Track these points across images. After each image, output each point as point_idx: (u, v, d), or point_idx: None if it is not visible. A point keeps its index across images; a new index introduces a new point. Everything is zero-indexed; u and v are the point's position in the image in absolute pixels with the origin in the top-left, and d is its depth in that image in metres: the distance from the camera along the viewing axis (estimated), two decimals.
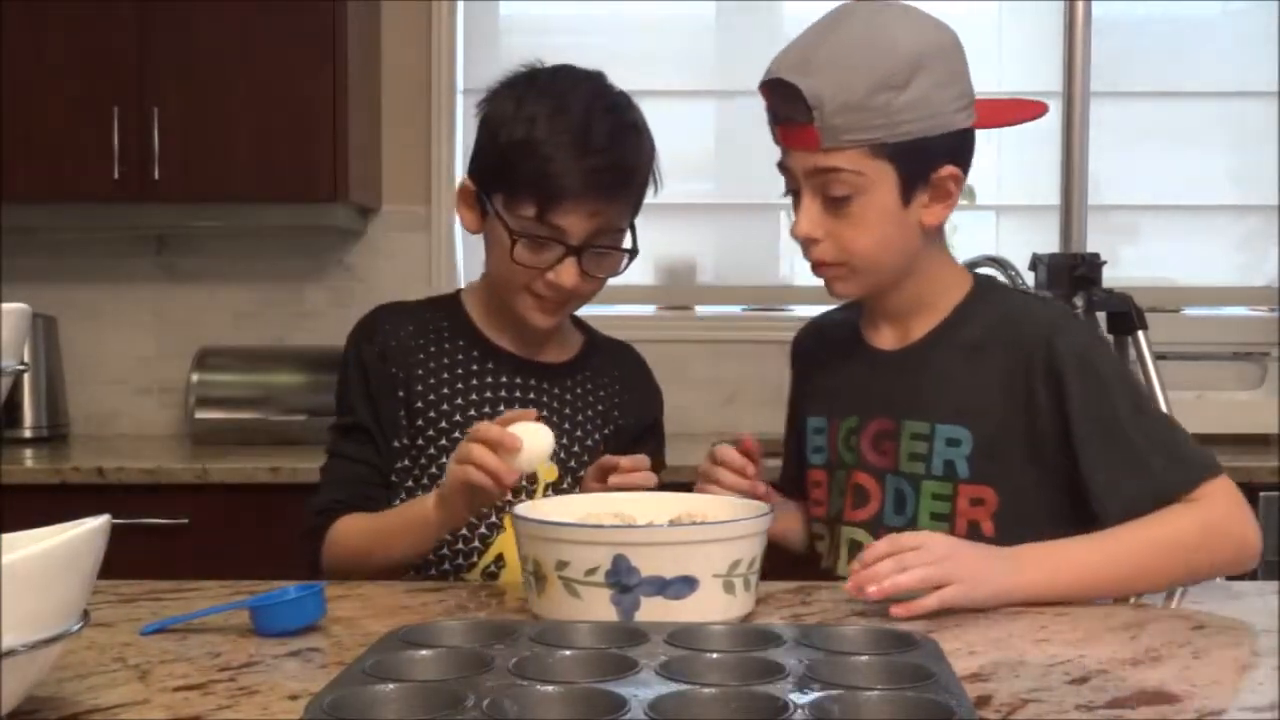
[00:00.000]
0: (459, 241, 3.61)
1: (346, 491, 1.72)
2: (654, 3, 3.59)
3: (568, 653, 1.12)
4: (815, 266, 1.56)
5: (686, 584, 1.28)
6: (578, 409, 1.77)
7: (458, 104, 3.58)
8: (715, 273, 3.70)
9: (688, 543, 1.31)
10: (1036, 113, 1.87)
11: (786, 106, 1.49)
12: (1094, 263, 2.63)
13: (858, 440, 1.59)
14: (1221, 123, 3.62)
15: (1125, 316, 2.61)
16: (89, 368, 3.58)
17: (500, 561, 1.68)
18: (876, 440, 1.58)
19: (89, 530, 1.01)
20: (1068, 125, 2.66)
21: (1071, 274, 2.61)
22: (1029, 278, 2.71)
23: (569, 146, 1.61)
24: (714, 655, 1.11)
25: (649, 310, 3.65)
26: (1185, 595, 1.51)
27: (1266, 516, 2.96)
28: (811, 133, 1.47)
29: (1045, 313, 1.57)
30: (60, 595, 1.00)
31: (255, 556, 2.79)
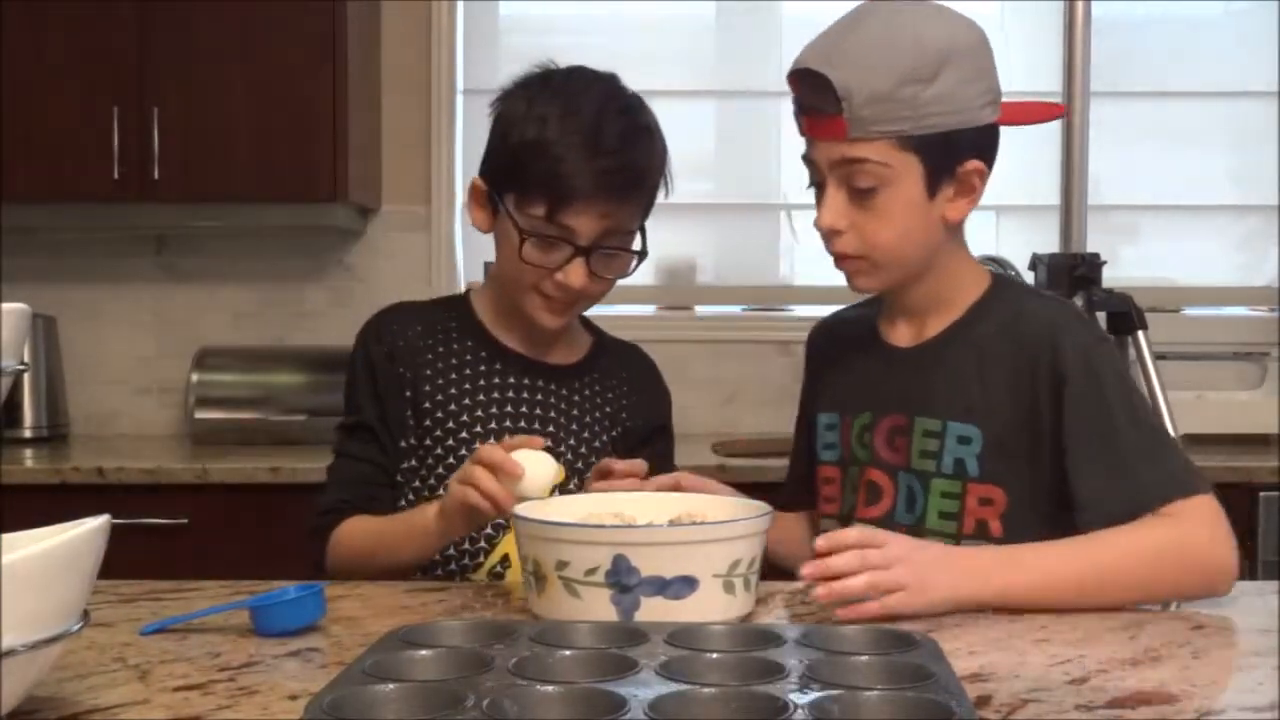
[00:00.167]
0: (459, 241, 3.61)
1: (351, 491, 1.73)
2: (654, 3, 3.59)
3: (568, 653, 1.11)
4: (837, 260, 1.55)
5: (686, 584, 1.28)
6: (585, 410, 1.77)
7: (458, 104, 3.58)
8: (715, 273, 3.70)
9: (688, 543, 1.31)
10: (1055, 114, 1.87)
11: (814, 97, 1.49)
12: (1094, 263, 2.63)
13: (871, 437, 1.59)
14: (1221, 123, 3.61)
15: (1125, 316, 2.61)
16: (89, 368, 3.58)
17: (506, 562, 1.68)
18: (890, 436, 1.58)
19: (89, 530, 1.01)
20: (1068, 125, 2.66)
21: (1071, 274, 2.61)
22: (1029, 278, 2.71)
23: (580, 147, 1.61)
24: (714, 655, 1.11)
25: (649, 310, 3.65)
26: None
27: (1267, 517, 2.96)
28: (839, 123, 1.47)
29: (1052, 313, 1.56)
30: (60, 595, 1.00)
31: (255, 556, 2.79)
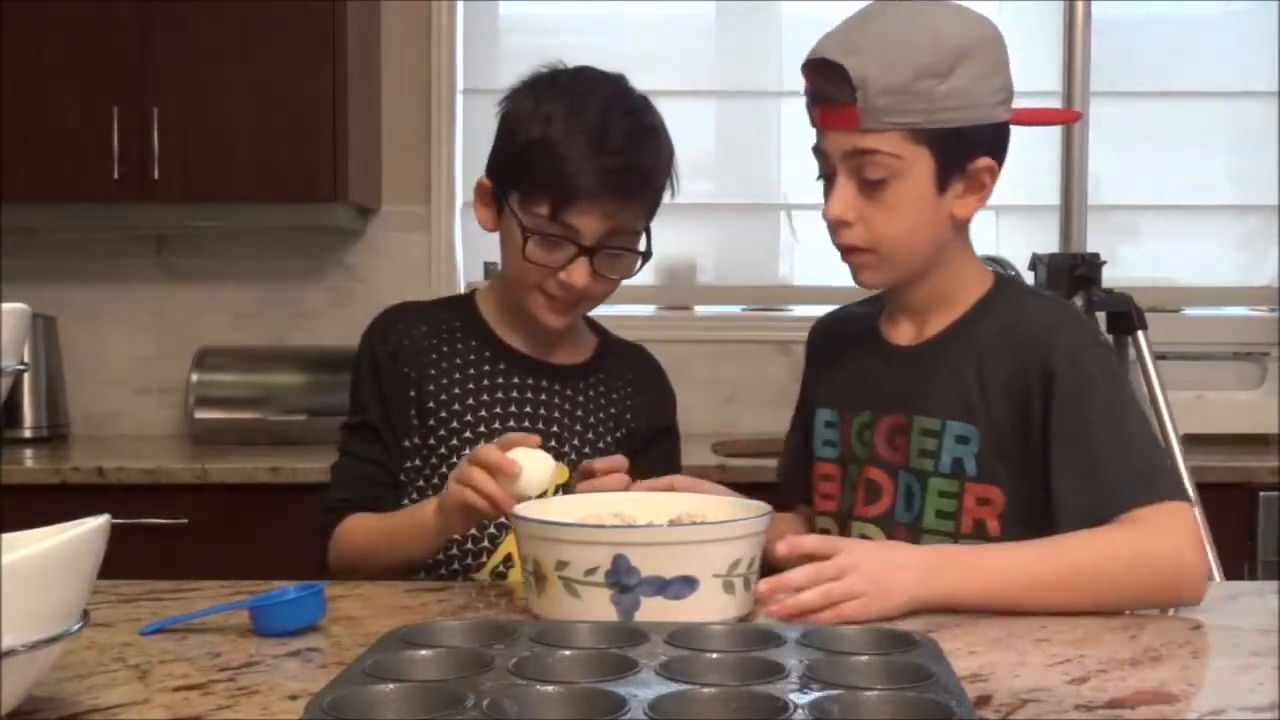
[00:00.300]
0: (459, 242, 3.62)
1: (354, 491, 1.73)
2: (654, 3, 3.59)
3: (567, 653, 1.11)
4: (844, 253, 1.55)
5: (686, 584, 1.28)
6: (590, 411, 1.77)
7: (458, 104, 3.58)
8: (715, 273, 3.70)
9: (688, 543, 1.31)
10: (1069, 119, 1.87)
11: (829, 87, 1.49)
12: (1094, 263, 2.63)
13: (871, 435, 1.59)
14: (1221, 123, 3.62)
15: (1125, 316, 2.61)
16: (89, 368, 3.58)
17: (509, 562, 1.68)
18: (890, 435, 1.58)
19: (89, 530, 1.01)
20: (1068, 125, 2.66)
21: (1071, 274, 2.61)
22: (1029, 278, 2.71)
23: (585, 146, 1.61)
24: (714, 655, 1.11)
25: (649, 310, 3.65)
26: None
27: (1266, 517, 2.96)
28: (852, 113, 1.47)
29: (1051, 314, 1.56)
30: (60, 595, 1.00)
31: (255, 556, 2.79)
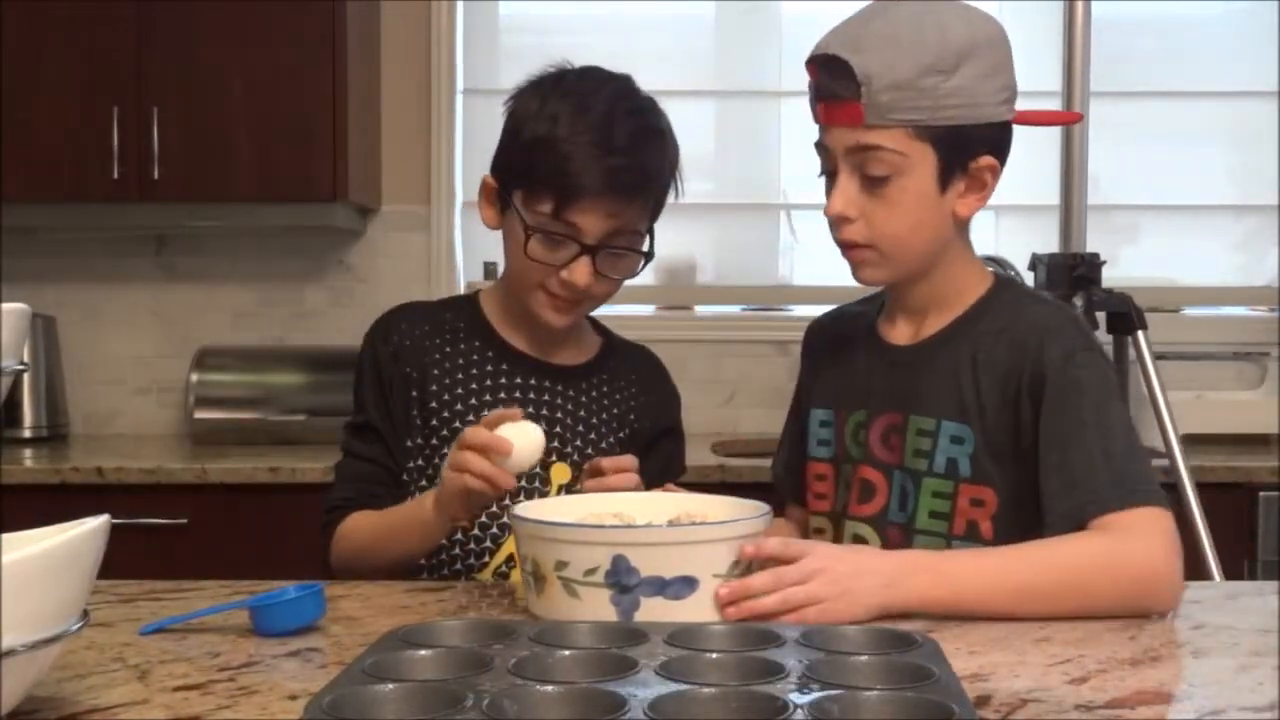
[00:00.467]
0: (459, 241, 3.62)
1: (356, 490, 1.73)
2: (654, 3, 3.59)
3: (567, 653, 1.11)
4: (844, 249, 1.55)
5: (686, 584, 1.28)
6: (593, 411, 1.77)
7: (458, 104, 3.58)
8: (715, 273, 3.70)
9: (687, 543, 1.31)
10: (1071, 121, 1.86)
11: (833, 82, 1.49)
12: (1094, 263, 2.64)
13: (866, 435, 1.59)
14: (1221, 123, 3.61)
15: (1125, 316, 2.61)
16: (88, 367, 3.58)
17: (511, 561, 1.68)
18: (885, 435, 1.57)
19: (89, 530, 1.01)
20: (1068, 126, 2.66)
21: (1071, 274, 2.61)
22: (1029, 278, 2.71)
23: (589, 146, 1.61)
24: (714, 655, 1.11)
25: (649, 310, 3.65)
26: (1184, 594, 1.50)
27: (1266, 517, 2.96)
28: (856, 109, 1.47)
29: (1047, 317, 1.55)
30: (60, 595, 1.00)
31: (254, 556, 2.81)
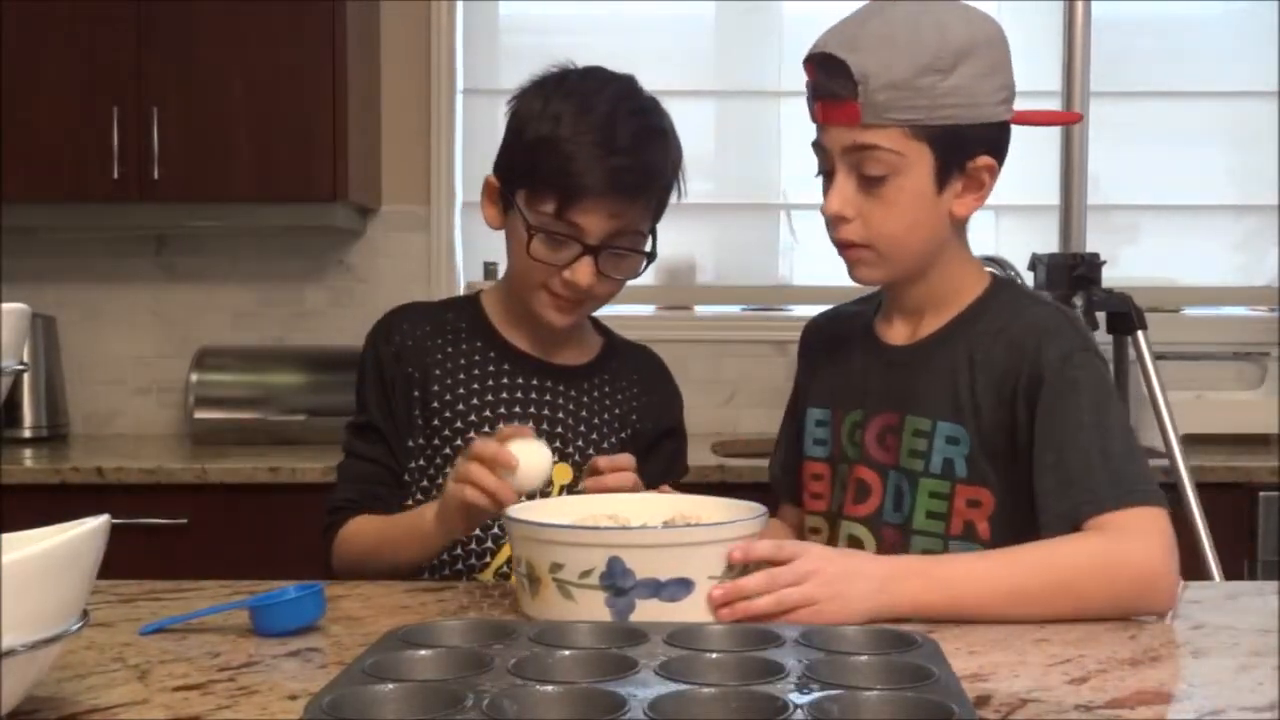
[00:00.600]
0: (459, 242, 3.62)
1: (358, 491, 1.73)
2: (654, 3, 3.59)
3: (567, 653, 1.11)
4: (841, 249, 1.55)
5: (682, 586, 1.27)
6: (595, 412, 1.77)
7: (458, 104, 3.58)
8: (715, 273, 3.70)
9: (683, 544, 1.30)
10: (1071, 121, 1.83)
11: (830, 82, 1.49)
12: (1094, 263, 2.63)
13: (861, 435, 1.59)
14: (1221, 123, 3.61)
15: (1125, 316, 2.61)
16: (88, 367, 3.58)
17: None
18: (881, 435, 1.57)
19: (89, 530, 1.01)
20: (1066, 126, 2.66)
21: (1071, 274, 2.61)
22: (1029, 278, 2.71)
23: (592, 146, 1.61)
24: (714, 655, 1.11)
25: (649, 310, 3.65)
26: (1184, 594, 1.51)
27: (1266, 517, 2.96)
28: (853, 108, 1.47)
29: (1044, 318, 1.54)
30: (60, 595, 1.00)
31: (254, 556, 2.81)
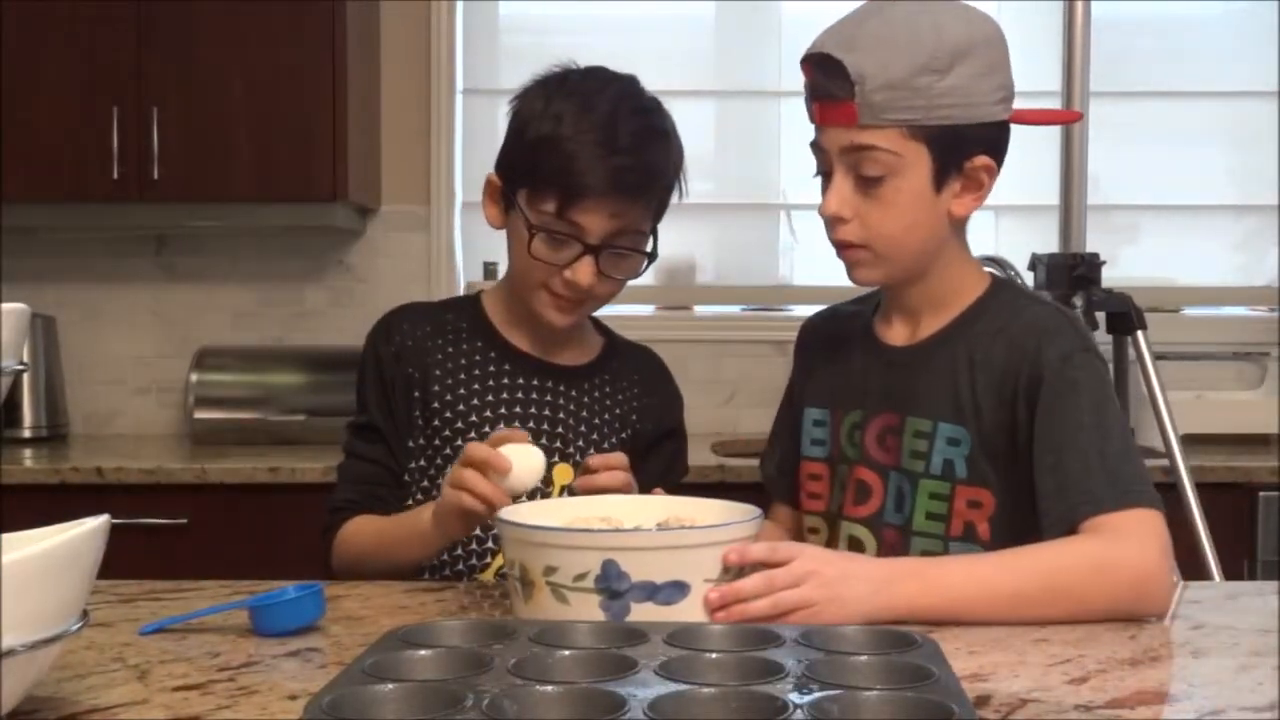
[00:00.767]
0: (459, 242, 3.62)
1: (358, 491, 1.73)
2: (654, 3, 3.59)
3: (567, 653, 1.11)
4: (839, 249, 1.55)
5: (677, 589, 1.26)
6: (595, 412, 1.77)
7: (457, 104, 3.58)
8: (715, 273, 3.70)
9: (679, 547, 1.29)
10: (1070, 119, 1.81)
11: (827, 82, 1.49)
12: (1093, 263, 2.63)
13: (861, 435, 1.59)
14: (1221, 123, 3.62)
15: (1125, 316, 2.61)
16: (88, 368, 3.58)
17: None
18: (881, 436, 1.57)
19: (88, 530, 1.01)
20: (1067, 125, 2.66)
21: (1071, 274, 2.61)
22: (1028, 278, 2.71)
23: (594, 145, 1.61)
24: (713, 655, 1.11)
25: (649, 310, 3.65)
26: (1184, 594, 1.51)
27: (1266, 517, 2.96)
28: (850, 109, 1.47)
29: (1045, 318, 1.54)
30: (60, 595, 1.00)
31: (254, 556, 2.81)
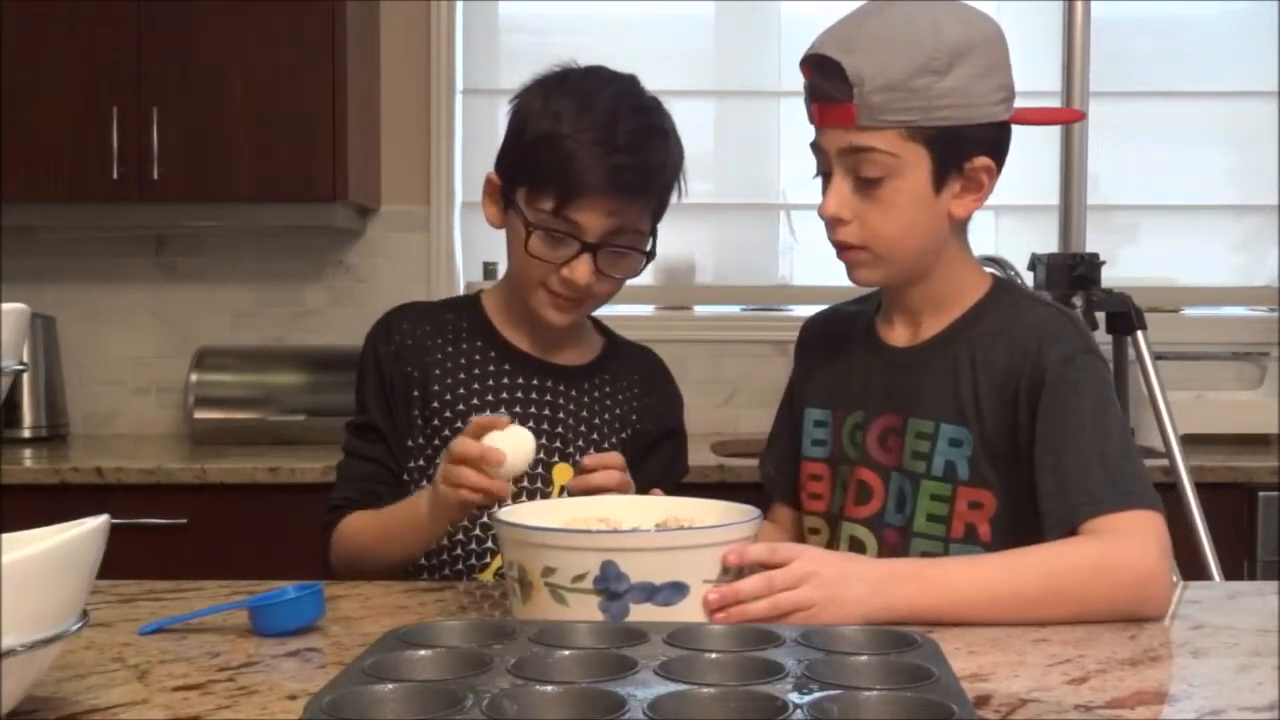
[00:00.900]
0: (458, 242, 3.62)
1: (357, 490, 1.73)
2: (654, 3, 3.59)
3: (566, 653, 1.11)
4: (839, 250, 1.55)
5: (676, 590, 1.26)
6: (595, 412, 1.77)
7: (457, 104, 3.58)
8: (714, 273, 3.70)
9: (678, 548, 1.29)
10: (1073, 119, 1.80)
11: (826, 83, 1.48)
12: (1093, 263, 2.63)
13: (863, 436, 1.59)
14: (1221, 123, 3.62)
15: (1124, 316, 2.61)
16: (88, 368, 3.58)
17: None
18: (883, 437, 1.57)
19: (88, 530, 1.01)
20: (1068, 125, 2.66)
21: (1071, 274, 2.61)
22: (1028, 278, 2.71)
23: (592, 144, 1.61)
24: (713, 655, 1.11)
25: (648, 310, 3.65)
26: (1184, 594, 1.51)
27: (1266, 517, 2.96)
28: (849, 110, 1.47)
29: (1046, 320, 1.54)
30: (60, 595, 1.00)
31: (254, 556, 2.81)
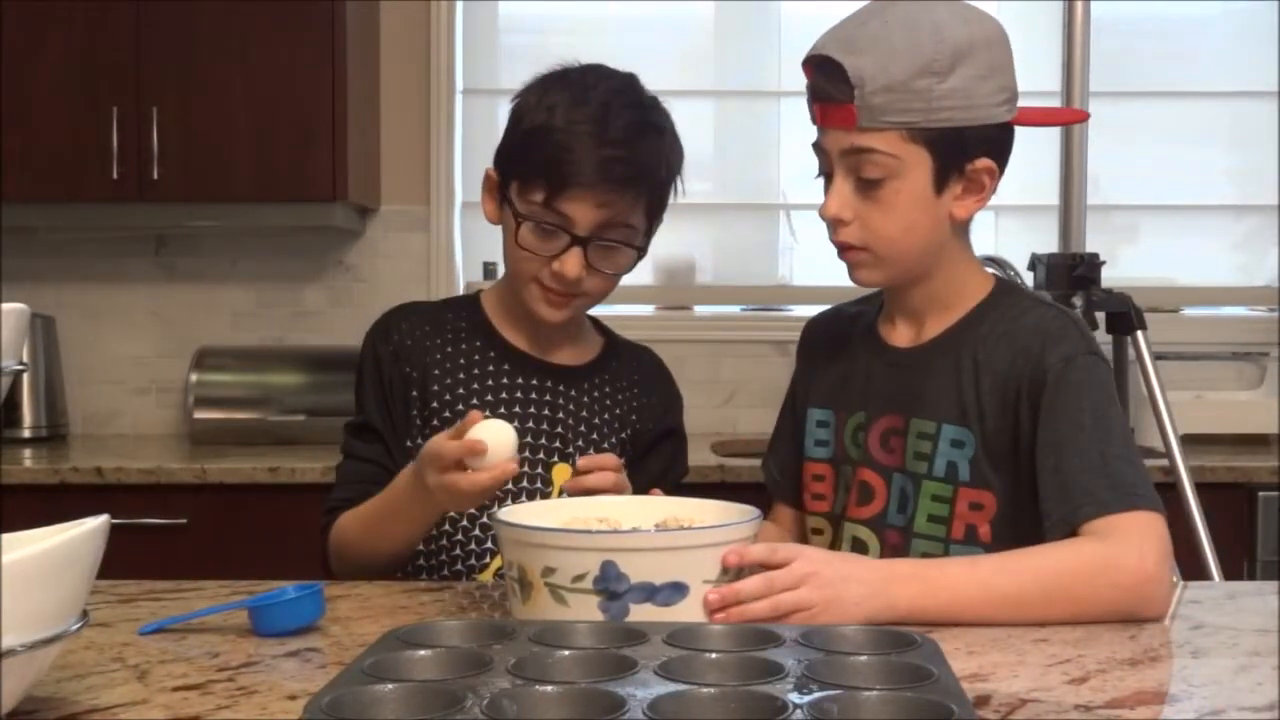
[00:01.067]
0: (458, 241, 3.62)
1: (355, 490, 1.73)
2: (654, 3, 3.59)
3: (566, 653, 1.11)
4: (840, 251, 1.55)
5: (676, 590, 1.26)
6: (594, 412, 1.77)
7: (457, 104, 3.58)
8: (714, 273, 3.70)
9: (678, 548, 1.29)
10: (1077, 119, 1.79)
11: (828, 84, 1.49)
12: (1093, 263, 2.63)
13: (865, 436, 1.59)
14: (1221, 123, 3.62)
15: (1124, 316, 2.61)
16: (88, 368, 3.58)
17: None
18: (885, 437, 1.57)
19: (88, 530, 1.01)
20: (1068, 125, 2.66)
21: (1071, 274, 2.61)
22: (1028, 278, 2.71)
23: (584, 136, 1.62)
24: (713, 655, 1.11)
25: (648, 310, 3.65)
26: (1184, 594, 1.51)
27: (1266, 517, 2.96)
28: (850, 111, 1.47)
29: (1048, 321, 1.54)
30: (60, 595, 1.00)
31: (254, 556, 2.81)
